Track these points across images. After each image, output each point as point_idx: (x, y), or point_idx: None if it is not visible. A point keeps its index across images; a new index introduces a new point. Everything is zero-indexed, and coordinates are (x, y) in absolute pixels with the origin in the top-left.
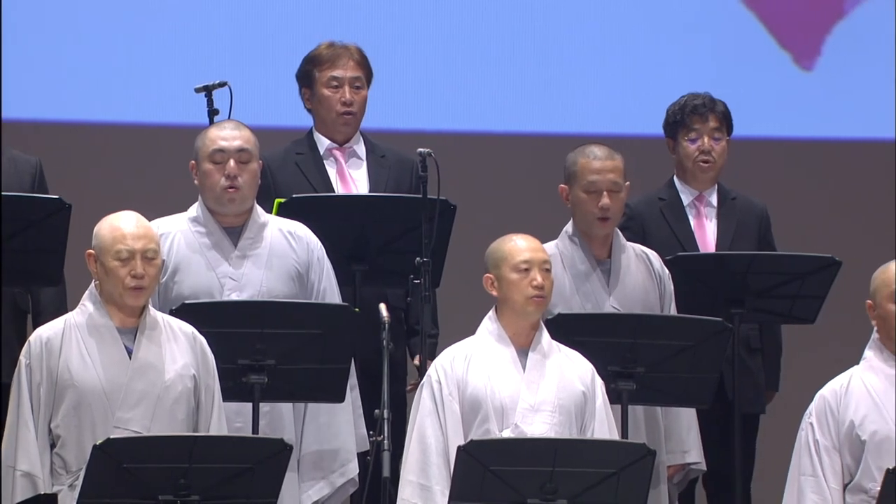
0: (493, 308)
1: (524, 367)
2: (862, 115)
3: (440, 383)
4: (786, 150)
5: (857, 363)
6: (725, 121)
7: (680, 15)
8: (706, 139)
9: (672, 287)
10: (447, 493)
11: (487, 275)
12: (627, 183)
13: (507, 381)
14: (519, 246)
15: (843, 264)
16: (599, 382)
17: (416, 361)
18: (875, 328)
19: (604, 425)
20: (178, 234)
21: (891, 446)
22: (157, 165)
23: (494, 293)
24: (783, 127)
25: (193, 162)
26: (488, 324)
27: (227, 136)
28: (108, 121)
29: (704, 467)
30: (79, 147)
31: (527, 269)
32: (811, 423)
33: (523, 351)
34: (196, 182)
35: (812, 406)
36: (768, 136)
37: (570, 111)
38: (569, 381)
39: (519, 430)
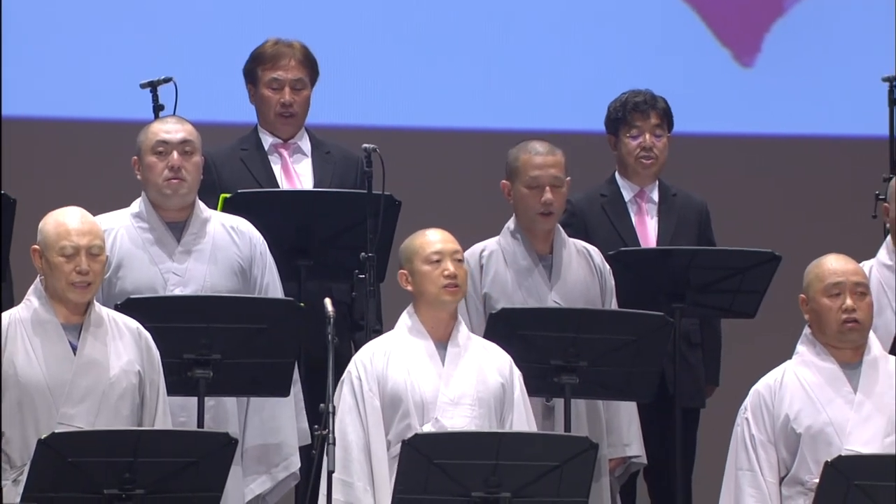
0: (411, 303)
1: (443, 361)
2: (801, 112)
3: (360, 379)
4: (726, 147)
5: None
6: (666, 117)
7: (621, 12)
8: (647, 136)
9: (613, 282)
10: (369, 488)
11: (401, 271)
12: (569, 178)
13: (427, 376)
14: (430, 239)
15: (782, 259)
16: (517, 373)
17: None
18: (808, 322)
19: (522, 416)
20: (121, 229)
21: (825, 439)
22: (103, 161)
23: (409, 288)
24: (723, 123)
25: (136, 157)
26: (406, 319)
27: (169, 128)
28: (53, 116)
29: (645, 460)
30: (24, 142)
31: (438, 261)
32: (746, 419)
33: (442, 344)
34: (139, 177)
35: (747, 401)
36: (709, 133)
37: (512, 108)
38: (487, 374)
39: (440, 425)
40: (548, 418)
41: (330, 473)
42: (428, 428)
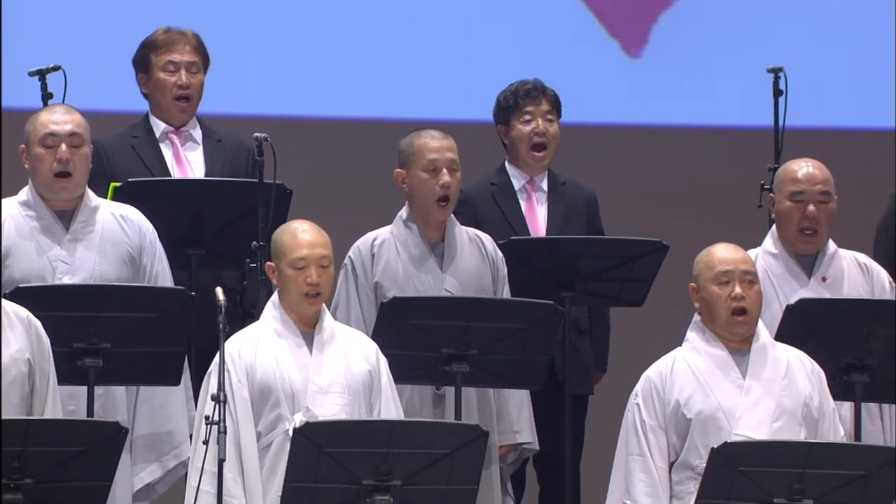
0: (276, 292)
1: (311, 350)
2: (688, 102)
3: (228, 371)
4: (615, 137)
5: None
6: (556, 105)
7: (510, 2)
8: (540, 121)
9: (505, 270)
10: (239, 479)
11: (269, 263)
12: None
13: (295, 365)
14: (298, 242)
15: (670, 248)
16: (383, 360)
17: None
18: (697, 310)
19: (390, 403)
20: (8, 218)
21: (715, 424)
22: None
23: (275, 282)
24: (612, 114)
25: (23, 146)
26: (272, 309)
27: (58, 119)
28: None
29: (537, 447)
30: None
31: (303, 267)
32: (637, 404)
33: (308, 334)
34: (27, 166)
35: (638, 387)
36: (597, 123)
37: (403, 97)
38: (354, 361)
39: (310, 413)
40: (438, 406)
41: (221, 462)
42: (299, 417)
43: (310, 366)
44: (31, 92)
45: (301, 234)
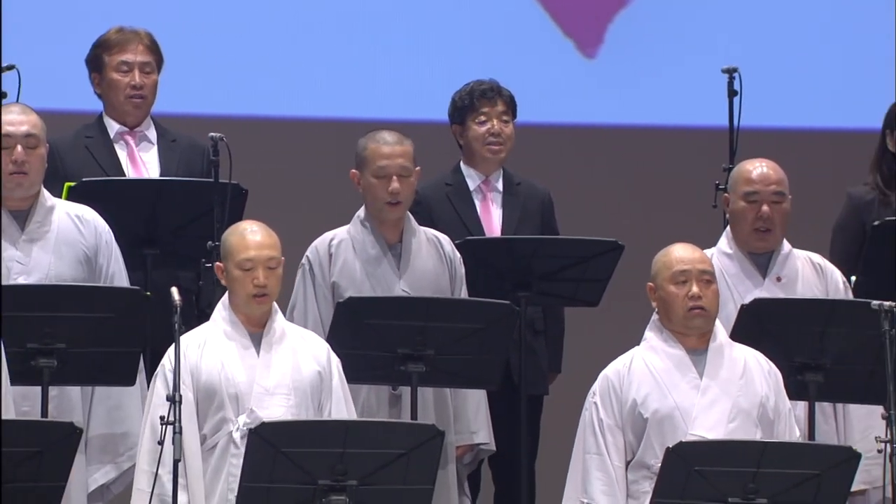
0: (226, 293)
1: (258, 352)
2: (643, 102)
3: (173, 373)
4: (570, 137)
5: (637, 344)
6: (511, 105)
7: (465, 3)
8: (495, 121)
9: (463, 270)
10: (182, 481)
11: (218, 264)
12: (418, 168)
13: (241, 367)
14: (246, 243)
15: (625, 248)
16: (335, 361)
17: None
18: (655, 310)
19: (341, 403)
20: None
21: (671, 424)
22: None
23: (224, 282)
24: (567, 114)
25: None
26: (221, 310)
27: (13, 120)
28: None
29: (494, 447)
30: None
31: (250, 269)
32: (595, 403)
33: (257, 334)
34: None
35: (596, 386)
36: (553, 123)
37: (360, 97)
38: (303, 362)
39: (254, 416)
40: (395, 406)
41: (176, 462)
42: (243, 419)
43: (256, 367)
44: None
45: (249, 236)
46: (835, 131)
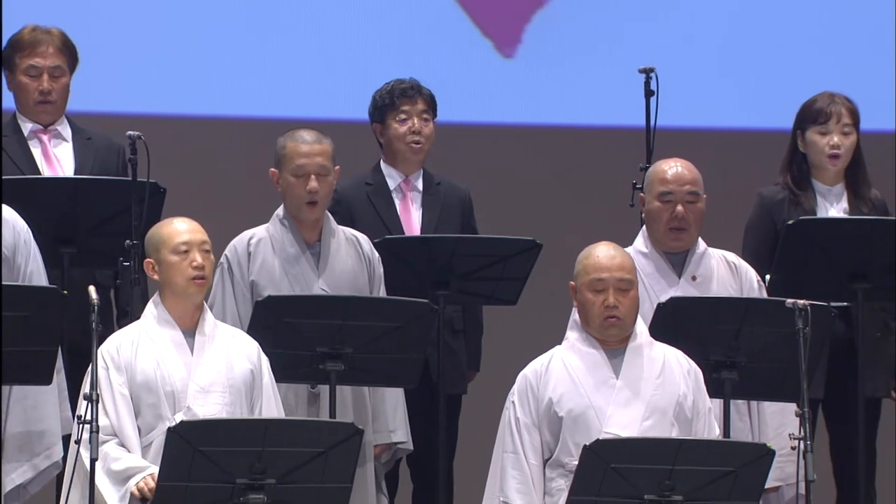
0: (157, 292)
1: (192, 350)
2: (562, 102)
3: (107, 369)
4: (489, 136)
5: (557, 343)
6: (431, 104)
7: (384, 1)
8: (416, 120)
9: (382, 270)
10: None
11: (148, 260)
12: (337, 167)
13: (176, 365)
14: (178, 228)
15: (543, 247)
16: (265, 359)
17: None
18: (575, 308)
19: (271, 402)
20: None
21: (585, 422)
22: None
23: (156, 277)
24: (486, 113)
25: None
26: (152, 308)
27: None
28: None
29: (411, 446)
30: None
31: (186, 251)
32: (513, 402)
33: (189, 333)
34: None
35: (515, 385)
36: (472, 122)
37: (278, 96)
38: (236, 361)
39: (191, 413)
40: (313, 405)
41: (93, 461)
42: (180, 417)
43: (191, 365)
44: None
45: (178, 223)
46: (750, 131)
